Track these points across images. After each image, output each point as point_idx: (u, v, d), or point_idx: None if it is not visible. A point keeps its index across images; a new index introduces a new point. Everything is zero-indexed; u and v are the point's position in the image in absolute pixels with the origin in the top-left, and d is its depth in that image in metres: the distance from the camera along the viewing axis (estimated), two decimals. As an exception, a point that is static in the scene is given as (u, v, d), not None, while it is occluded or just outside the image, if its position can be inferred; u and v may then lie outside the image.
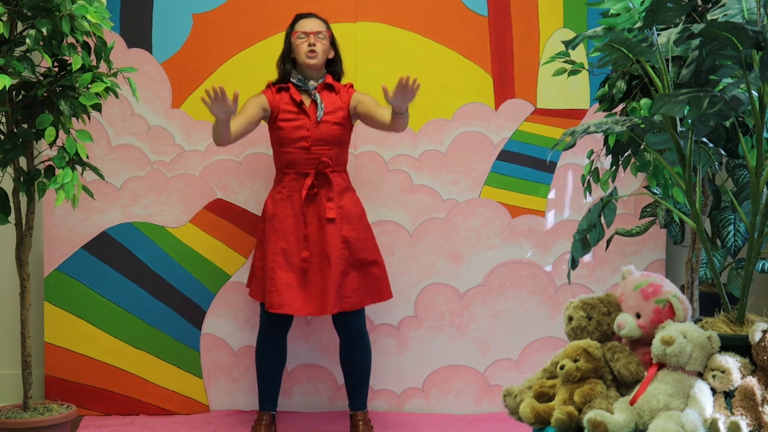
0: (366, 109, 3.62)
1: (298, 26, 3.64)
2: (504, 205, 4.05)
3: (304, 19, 3.65)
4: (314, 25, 3.63)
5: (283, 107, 3.61)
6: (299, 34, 3.61)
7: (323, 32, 3.62)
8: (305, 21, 3.64)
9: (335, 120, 3.61)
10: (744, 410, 2.05)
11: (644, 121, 2.25)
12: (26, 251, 3.25)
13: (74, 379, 3.95)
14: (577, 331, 2.31)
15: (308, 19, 3.65)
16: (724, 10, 2.12)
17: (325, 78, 3.66)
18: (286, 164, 3.62)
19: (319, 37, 3.61)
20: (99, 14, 3.13)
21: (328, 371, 4.03)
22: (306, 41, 3.59)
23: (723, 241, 3.67)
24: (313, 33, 3.60)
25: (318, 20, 3.65)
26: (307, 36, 3.59)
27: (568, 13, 4.03)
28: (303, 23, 3.64)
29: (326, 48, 3.64)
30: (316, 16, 3.67)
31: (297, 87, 3.63)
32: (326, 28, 3.65)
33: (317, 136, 3.59)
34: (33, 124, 3.12)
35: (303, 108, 3.60)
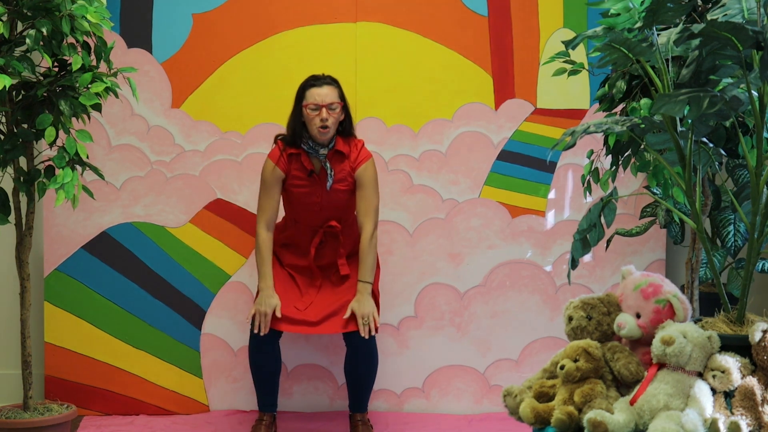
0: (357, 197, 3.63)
1: (310, 97, 3.53)
2: (504, 205, 4.05)
3: (315, 88, 3.55)
4: (326, 96, 3.53)
5: (293, 173, 3.60)
6: (311, 107, 3.52)
7: (335, 103, 3.54)
8: (317, 91, 3.54)
9: (344, 187, 3.63)
10: (744, 410, 2.05)
11: (644, 121, 2.25)
12: (26, 251, 3.25)
13: (74, 379, 3.95)
14: (577, 331, 2.31)
15: (320, 89, 3.54)
16: (724, 10, 2.12)
17: (335, 143, 3.60)
18: (296, 217, 3.69)
19: (331, 109, 3.53)
20: (99, 14, 3.13)
21: (328, 371, 4.03)
22: (318, 116, 3.51)
23: (723, 241, 3.67)
24: (326, 105, 3.52)
25: (330, 88, 3.56)
26: (319, 109, 3.51)
27: (568, 13, 4.03)
28: (315, 93, 3.54)
29: (338, 118, 3.57)
30: (329, 83, 3.58)
31: (307, 153, 3.59)
32: (338, 97, 3.57)
33: (327, 202, 3.62)
34: (33, 124, 3.12)
35: (314, 176, 3.60)
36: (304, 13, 3.99)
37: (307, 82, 3.60)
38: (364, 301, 3.56)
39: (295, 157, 3.60)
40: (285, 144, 3.61)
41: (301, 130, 3.57)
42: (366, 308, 3.55)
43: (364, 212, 3.63)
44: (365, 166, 3.63)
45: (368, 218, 3.62)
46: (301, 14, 3.99)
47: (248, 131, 3.99)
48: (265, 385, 3.65)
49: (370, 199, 3.63)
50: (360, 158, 3.63)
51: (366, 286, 3.58)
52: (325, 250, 3.69)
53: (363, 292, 3.58)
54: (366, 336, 3.52)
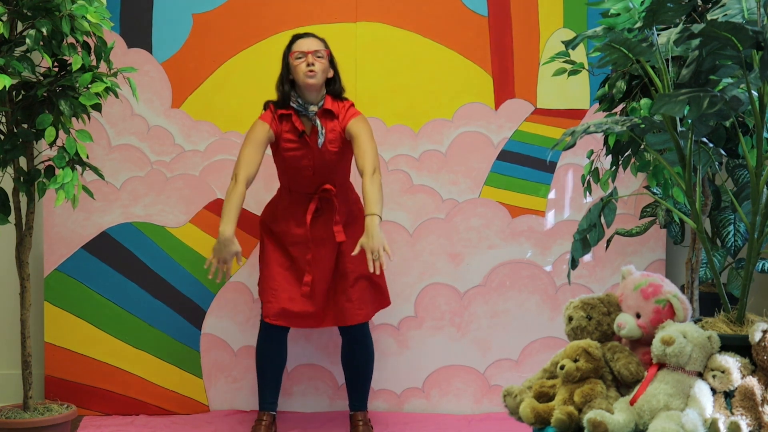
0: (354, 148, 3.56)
1: (296, 46, 3.56)
2: (504, 205, 4.05)
3: (301, 39, 3.58)
4: (312, 44, 3.55)
5: (284, 135, 3.58)
6: (297, 54, 3.53)
7: (321, 51, 3.55)
8: (302, 41, 3.57)
9: (335, 147, 3.59)
10: (744, 410, 2.05)
11: (644, 121, 2.25)
12: (26, 251, 3.25)
13: (74, 379, 3.95)
14: (577, 331, 2.31)
15: (306, 39, 3.57)
16: (724, 10, 2.12)
17: (325, 101, 3.59)
18: (290, 185, 3.65)
19: (318, 56, 3.53)
20: (99, 14, 3.13)
21: (328, 371, 4.03)
22: (304, 61, 3.51)
23: (723, 241, 3.67)
24: (311, 52, 3.52)
25: (316, 39, 3.59)
26: (305, 56, 3.52)
27: (568, 13, 4.03)
28: (300, 43, 3.56)
29: (325, 67, 3.57)
30: (314, 36, 3.61)
31: (297, 112, 3.58)
32: (324, 47, 3.58)
33: (319, 164, 3.59)
34: (33, 124, 3.12)
35: (305, 137, 3.58)
36: (304, 13, 3.99)
37: (293, 37, 3.62)
38: (373, 234, 3.33)
39: (286, 119, 3.58)
40: (275, 106, 3.60)
41: (289, 89, 3.57)
42: (376, 242, 3.32)
43: (361, 157, 3.48)
44: (355, 120, 3.56)
45: (367, 161, 3.46)
46: (301, 14, 3.99)
47: (248, 131, 3.98)
48: (269, 381, 3.66)
49: (366, 144, 3.50)
50: (348, 115, 3.59)
51: (374, 219, 3.35)
52: (321, 219, 3.63)
53: (371, 225, 3.34)
54: (376, 271, 3.35)
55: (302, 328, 3.70)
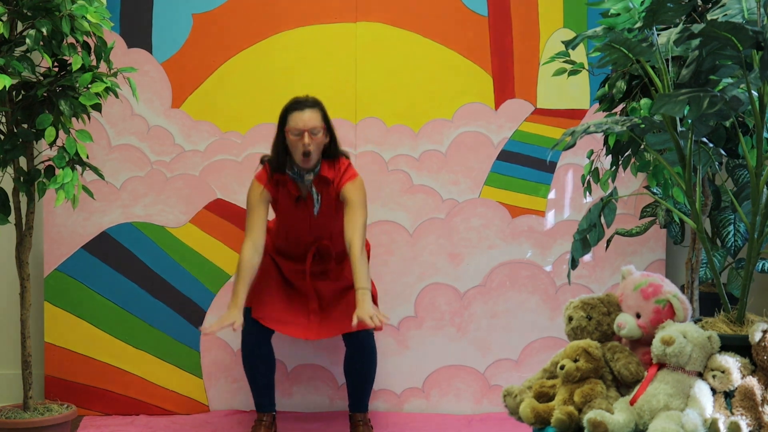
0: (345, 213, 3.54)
1: (292, 121, 3.46)
2: (504, 205, 4.05)
3: (297, 112, 3.47)
4: (309, 119, 3.45)
5: (281, 199, 3.59)
6: (293, 132, 3.45)
7: (318, 127, 3.46)
8: (299, 116, 3.46)
9: (332, 211, 3.61)
10: (744, 410, 2.05)
11: (644, 121, 2.25)
12: (26, 251, 3.25)
13: (74, 379, 3.95)
14: (577, 331, 2.31)
15: (302, 113, 3.46)
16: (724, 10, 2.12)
17: (321, 167, 3.54)
18: (287, 234, 3.68)
19: (314, 134, 3.45)
20: (99, 14, 3.13)
21: (328, 371, 4.03)
22: (300, 140, 3.44)
23: (723, 241, 3.67)
24: (308, 130, 3.44)
25: (312, 111, 3.47)
26: (301, 135, 3.44)
27: (568, 13, 4.03)
28: (296, 118, 3.46)
29: (321, 142, 3.49)
30: (310, 105, 3.49)
31: (293, 179, 3.55)
32: (321, 120, 3.48)
33: (316, 225, 3.62)
34: (33, 124, 3.12)
35: (301, 202, 3.59)
36: (304, 13, 3.99)
37: (290, 105, 3.52)
38: (366, 306, 3.39)
39: (282, 182, 3.57)
40: (271, 169, 3.56)
41: (285, 156, 3.52)
42: (370, 310, 3.40)
43: (351, 229, 3.49)
44: (350, 184, 3.54)
45: (356, 235, 3.47)
46: (301, 14, 3.99)
47: (248, 131, 3.99)
48: (261, 385, 3.65)
49: (356, 215, 3.51)
50: (344, 179, 3.56)
51: (365, 293, 3.41)
52: (317, 267, 3.70)
53: (364, 299, 3.40)
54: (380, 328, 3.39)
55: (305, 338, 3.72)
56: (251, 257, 3.49)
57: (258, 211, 3.55)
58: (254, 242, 3.51)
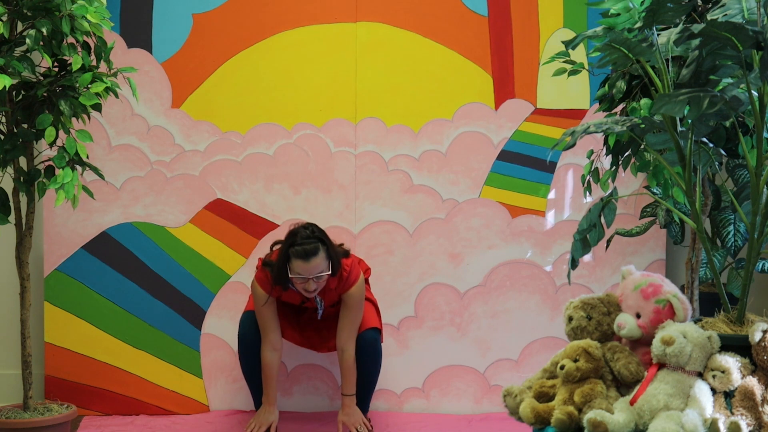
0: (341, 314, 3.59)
1: (296, 269, 3.39)
2: (504, 205, 4.05)
3: (302, 262, 3.37)
4: (314, 268, 3.38)
5: (283, 299, 3.62)
6: (298, 278, 3.41)
7: (323, 273, 3.41)
8: (304, 266, 3.37)
9: (336, 309, 3.66)
10: (744, 410, 2.05)
11: (644, 121, 2.25)
12: (26, 251, 3.25)
13: (74, 379, 3.95)
14: (577, 331, 2.31)
15: (307, 264, 3.37)
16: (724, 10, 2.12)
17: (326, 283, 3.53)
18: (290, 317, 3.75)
19: (318, 278, 3.42)
20: (99, 14, 3.13)
21: (328, 371, 4.03)
22: (305, 285, 3.43)
23: (723, 241, 3.67)
24: (312, 278, 3.40)
25: (317, 258, 3.38)
26: (306, 281, 3.42)
27: (568, 13, 4.03)
28: (301, 268, 3.38)
29: (326, 280, 3.45)
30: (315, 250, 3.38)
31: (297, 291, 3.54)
32: (325, 261, 3.41)
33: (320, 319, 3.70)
34: (33, 124, 3.12)
35: (304, 306, 3.65)
36: (304, 13, 3.99)
37: (293, 246, 3.39)
38: (351, 413, 3.61)
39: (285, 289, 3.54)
40: (273, 281, 3.49)
41: (287, 281, 3.47)
42: (356, 418, 3.60)
43: (347, 333, 3.56)
44: (353, 289, 3.56)
45: (350, 340, 3.57)
46: (301, 14, 3.99)
47: (248, 131, 3.99)
48: (259, 384, 3.67)
49: (353, 321, 3.58)
50: (347, 286, 3.55)
51: (351, 399, 3.61)
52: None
53: (349, 405, 3.61)
54: None
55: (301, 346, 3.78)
56: (272, 358, 3.61)
57: (267, 314, 3.58)
58: (272, 344, 3.60)
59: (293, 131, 3.98)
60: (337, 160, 3.98)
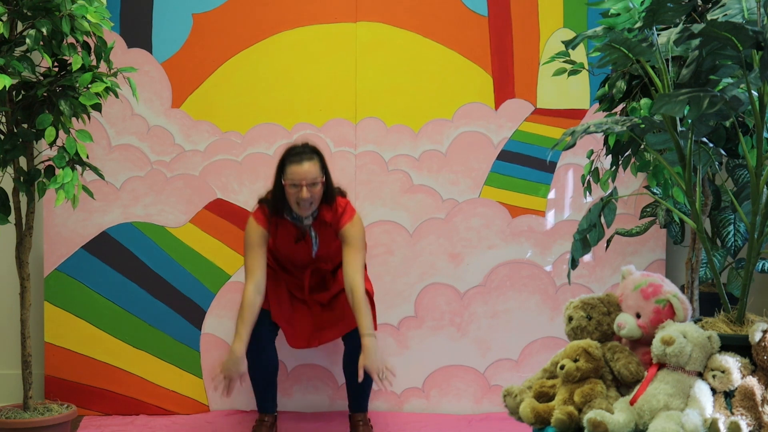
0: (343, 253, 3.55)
1: (290, 174, 3.42)
2: (504, 205, 4.05)
3: (295, 165, 3.43)
4: (307, 172, 3.41)
5: (279, 237, 3.59)
6: (292, 183, 3.43)
7: (317, 179, 3.43)
8: (298, 169, 3.42)
9: (331, 248, 3.62)
10: (744, 410, 2.05)
11: (644, 121, 2.25)
12: (26, 251, 3.25)
13: (74, 379, 3.95)
14: (577, 331, 2.31)
15: (300, 167, 3.42)
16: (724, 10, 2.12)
17: (320, 212, 3.54)
18: (284, 266, 3.69)
19: (312, 185, 3.43)
20: (99, 14, 3.13)
21: (328, 371, 4.03)
22: (299, 192, 3.43)
23: (723, 241, 3.67)
24: (306, 184, 3.42)
25: (311, 163, 3.43)
26: (299, 187, 3.42)
27: (568, 13, 4.03)
28: (295, 171, 3.42)
29: (319, 192, 3.47)
30: (308, 156, 3.45)
31: (292, 222, 3.56)
32: (319, 170, 3.45)
33: (314, 260, 3.63)
34: (33, 124, 3.12)
35: (300, 242, 3.59)
36: (304, 13, 3.99)
37: (288, 156, 3.48)
38: (373, 357, 3.35)
39: (281, 224, 3.57)
40: (269, 211, 3.54)
41: (283, 203, 3.51)
42: (377, 363, 3.35)
43: (352, 270, 3.50)
44: (350, 224, 3.55)
45: (357, 276, 3.48)
46: (301, 14, 3.99)
47: (248, 131, 3.99)
48: (265, 386, 3.66)
49: (356, 257, 3.52)
50: (343, 221, 3.55)
51: (371, 339, 3.37)
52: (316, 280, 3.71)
53: (369, 346, 3.36)
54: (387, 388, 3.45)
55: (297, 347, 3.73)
56: (254, 299, 3.49)
57: (258, 252, 3.54)
58: (256, 284, 3.51)
59: (293, 131, 3.99)
60: (337, 160, 3.98)
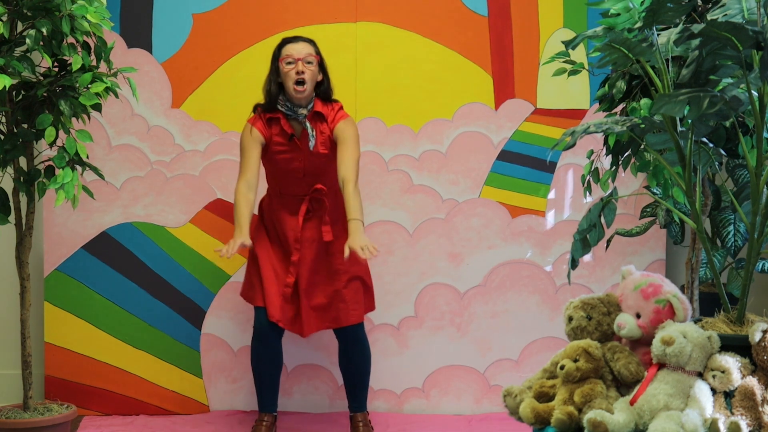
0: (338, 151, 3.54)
1: (285, 51, 3.53)
2: (504, 205, 4.05)
3: (291, 43, 3.54)
4: (302, 49, 3.52)
5: (274, 139, 3.57)
6: (287, 60, 3.50)
7: (311, 56, 3.52)
8: (292, 45, 3.53)
9: (326, 149, 3.59)
10: (744, 410, 2.05)
11: (644, 121, 2.25)
12: (26, 251, 3.25)
13: (74, 379, 3.95)
14: (577, 331, 2.31)
15: (296, 44, 3.53)
16: (724, 10, 2.12)
17: (314, 104, 3.56)
18: (280, 188, 3.64)
19: (308, 62, 3.50)
20: (99, 14, 3.13)
21: (328, 371, 4.03)
22: (294, 68, 3.48)
23: (723, 241, 3.67)
24: (301, 58, 3.49)
25: (306, 43, 3.55)
26: (295, 62, 3.49)
27: (568, 13, 4.03)
28: (290, 48, 3.52)
29: (315, 74, 3.54)
30: (304, 39, 3.57)
31: (286, 116, 3.55)
32: (314, 51, 3.55)
33: (310, 167, 3.58)
34: (33, 124, 3.12)
35: (294, 140, 3.56)
36: (304, 13, 3.99)
37: (283, 39, 3.59)
38: (358, 236, 3.34)
39: (275, 122, 3.56)
40: (263, 108, 3.57)
41: (277, 92, 3.54)
42: (362, 240, 3.33)
43: (345, 165, 3.48)
44: (344, 122, 3.56)
45: (350, 170, 3.47)
46: (301, 14, 3.99)
47: (248, 131, 3.98)
48: (267, 383, 3.65)
49: (350, 152, 3.51)
50: (337, 117, 3.57)
51: (357, 224, 3.37)
52: (311, 220, 3.63)
53: (356, 228, 3.36)
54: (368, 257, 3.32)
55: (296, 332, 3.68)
56: (246, 192, 3.50)
57: (251, 152, 3.54)
58: (248, 181, 3.52)
59: (293, 131, 3.98)
60: (337, 160, 3.98)
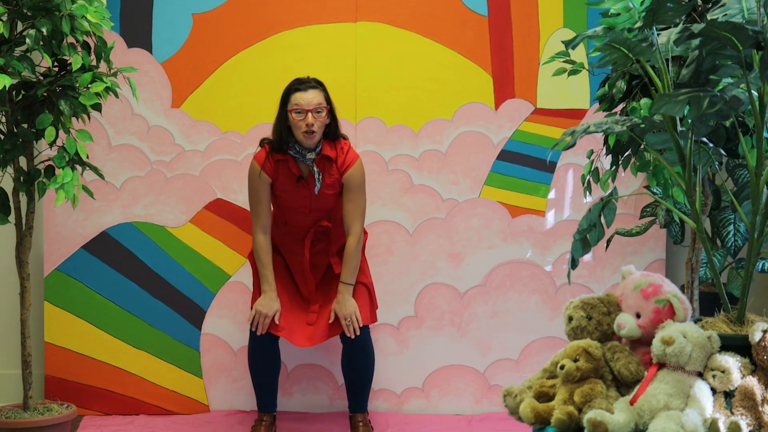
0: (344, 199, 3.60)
1: (295, 100, 3.50)
2: (504, 205, 4.05)
3: (300, 92, 3.50)
4: (312, 98, 3.49)
5: (281, 178, 3.58)
6: (296, 110, 3.49)
7: (321, 106, 3.50)
8: (302, 95, 3.49)
9: (333, 191, 3.61)
10: (744, 410, 2.05)
11: (644, 121, 2.25)
12: (26, 251, 3.25)
13: (74, 379, 3.95)
14: (577, 331, 2.31)
15: (305, 93, 3.50)
16: (724, 10, 2.12)
17: (322, 147, 3.56)
18: (286, 220, 3.67)
19: (317, 113, 3.49)
20: (99, 14, 3.13)
21: (328, 371, 4.03)
22: (303, 120, 3.47)
23: (723, 241, 3.67)
24: (311, 110, 3.47)
25: (315, 91, 3.51)
26: (304, 114, 3.48)
27: (568, 13, 4.03)
28: (299, 98, 3.49)
29: (324, 121, 3.52)
30: (314, 86, 3.53)
31: (294, 158, 3.57)
32: (324, 99, 3.52)
33: (316, 205, 3.61)
34: (33, 124, 3.12)
35: (302, 181, 3.58)
36: (304, 13, 3.99)
37: (292, 85, 3.56)
38: (344, 302, 3.56)
39: (282, 163, 3.57)
40: (271, 149, 3.58)
41: (287, 136, 3.54)
42: (348, 308, 3.55)
43: (351, 215, 3.59)
44: (353, 168, 3.59)
45: (356, 221, 3.59)
46: (301, 14, 3.99)
47: (248, 131, 3.99)
48: (265, 386, 3.66)
49: (357, 202, 3.60)
50: (347, 161, 3.59)
51: (347, 288, 3.57)
52: (317, 248, 3.69)
53: (344, 293, 3.57)
54: (352, 336, 3.53)
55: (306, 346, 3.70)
56: (264, 241, 3.60)
57: (261, 196, 3.59)
58: (263, 226, 3.61)
59: (293, 131, 3.98)
60: (337, 160, 3.98)
